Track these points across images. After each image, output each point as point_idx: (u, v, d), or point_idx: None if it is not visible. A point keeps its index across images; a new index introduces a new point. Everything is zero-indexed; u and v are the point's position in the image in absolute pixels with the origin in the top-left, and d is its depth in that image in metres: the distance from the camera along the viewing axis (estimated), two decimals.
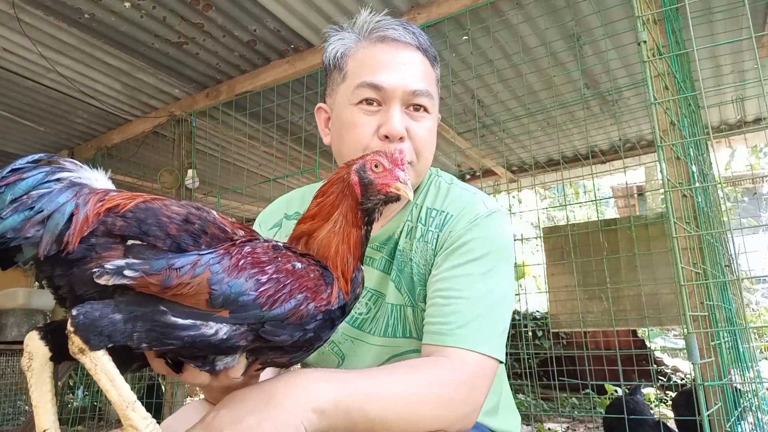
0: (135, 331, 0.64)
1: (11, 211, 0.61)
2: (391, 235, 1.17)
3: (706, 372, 1.93)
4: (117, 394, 0.65)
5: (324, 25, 3.30)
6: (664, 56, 2.12)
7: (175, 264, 0.66)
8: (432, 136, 1.17)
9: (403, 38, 1.13)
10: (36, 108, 4.17)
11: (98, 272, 0.63)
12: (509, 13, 3.23)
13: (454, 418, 0.91)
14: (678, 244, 1.82)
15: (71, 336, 0.63)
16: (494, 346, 0.99)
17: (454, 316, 1.00)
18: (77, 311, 0.63)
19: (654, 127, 1.92)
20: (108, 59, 3.57)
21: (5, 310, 4.32)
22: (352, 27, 1.19)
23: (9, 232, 0.60)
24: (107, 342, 0.64)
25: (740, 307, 3.27)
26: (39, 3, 3.02)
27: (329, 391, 0.79)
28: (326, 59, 1.21)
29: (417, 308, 1.13)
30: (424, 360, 0.97)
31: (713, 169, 2.97)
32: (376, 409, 0.83)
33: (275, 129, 4.26)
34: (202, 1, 3.06)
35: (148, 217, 0.69)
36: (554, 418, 5.05)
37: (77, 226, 0.65)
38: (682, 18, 2.61)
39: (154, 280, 0.64)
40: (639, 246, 3.72)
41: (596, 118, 4.63)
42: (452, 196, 1.17)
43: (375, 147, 1.08)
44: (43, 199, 0.63)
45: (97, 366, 0.64)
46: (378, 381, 0.88)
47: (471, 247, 1.07)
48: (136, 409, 0.65)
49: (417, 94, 1.11)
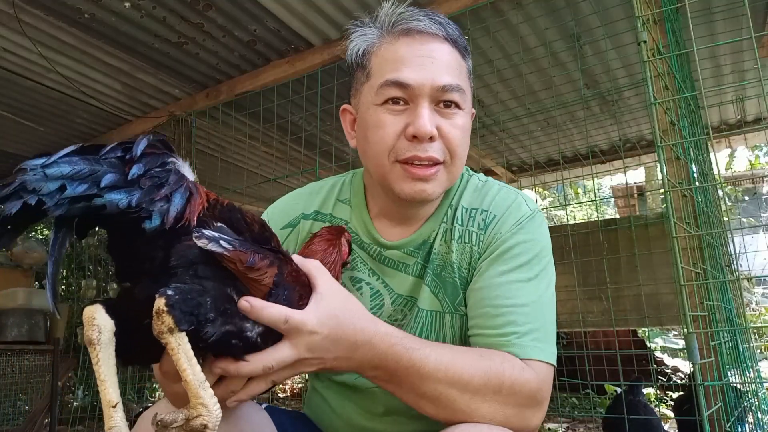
0: (210, 312, 0.68)
1: (149, 183, 0.66)
2: (426, 240, 1.11)
3: (706, 372, 1.93)
4: (192, 374, 0.66)
5: (324, 25, 3.30)
6: (664, 56, 2.12)
7: (257, 251, 0.73)
8: (465, 134, 1.07)
9: (429, 29, 1.03)
10: (36, 108, 4.17)
11: (198, 234, 0.68)
12: (509, 13, 3.23)
13: (517, 422, 0.89)
14: (678, 244, 1.82)
15: (162, 315, 0.64)
16: (550, 353, 0.97)
17: (509, 327, 0.96)
18: (172, 291, 0.65)
19: (654, 127, 1.92)
20: (108, 59, 3.57)
21: (5, 310, 4.32)
22: (374, 21, 1.09)
23: (145, 203, 0.64)
24: (194, 323, 0.66)
25: (740, 307, 3.27)
26: (39, 3, 3.01)
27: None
28: (348, 57, 1.13)
29: (456, 314, 1.08)
30: (497, 351, 0.95)
31: (713, 169, 2.97)
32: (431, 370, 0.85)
33: (275, 129, 4.26)
34: (202, 1, 3.06)
35: (238, 214, 0.78)
36: (554, 418, 5.05)
37: (195, 205, 0.71)
38: (682, 18, 2.61)
39: (242, 257, 0.70)
40: (639, 246, 3.72)
41: (596, 118, 4.63)
42: (492, 194, 1.11)
43: (403, 148, 1.02)
44: (169, 176, 0.68)
45: (180, 346, 0.65)
46: (444, 347, 0.90)
47: (517, 251, 1.03)
48: (206, 388, 0.67)
49: (446, 90, 1.02)
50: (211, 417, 0.66)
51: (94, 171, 0.63)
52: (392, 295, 1.13)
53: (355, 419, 1.13)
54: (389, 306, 1.12)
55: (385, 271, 1.14)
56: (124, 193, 0.63)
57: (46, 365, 4.35)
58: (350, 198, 1.21)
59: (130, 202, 0.63)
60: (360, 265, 1.15)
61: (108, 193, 0.62)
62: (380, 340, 0.84)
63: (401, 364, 0.84)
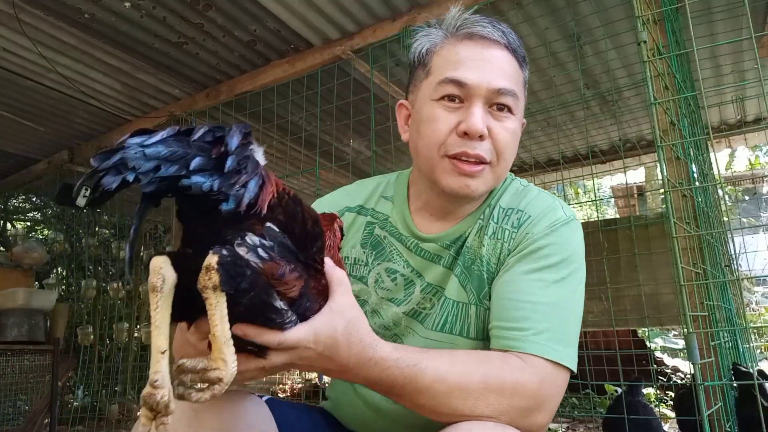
0: (247, 284, 0.73)
1: (233, 171, 0.70)
2: (461, 234, 1.15)
3: (706, 372, 1.94)
4: (221, 330, 0.71)
5: (324, 25, 3.30)
6: (664, 56, 2.12)
7: (290, 262, 0.77)
8: (515, 139, 1.12)
9: (491, 35, 1.09)
10: (36, 108, 4.17)
11: (240, 242, 0.73)
12: (509, 13, 3.23)
13: (517, 419, 0.89)
14: (678, 244, 1.83)
15: (211, 272, 0.69)
16: (567, 356, 0.97)
17: (526, 322, 0.97)
18: (227, 252, 0.71)
19: (654, 127, 1.92)
20: (108, 59, 3.57)
21: (5, 310, 4.32)
22: (440, 24, 1.15)
23: (224, 187, 0.69)
24: (236, 285, 0.71)
25: (740, 307, 3.27)
26: (39, 3, 3.01)
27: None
28: (411, 56, 1.18)
29: (481, 307, 1.11)
30: (498, 354, 0.96)
31: (713, 169, 2.97)
32: (431, 378, 0.86)
33: (275, 129, 4.26)
34: (202, 1, 3.06)
35: (298, 207, 0.81)
36: (554, 417, 5.04)
37: (266, 194, 0.75)
38: (682, 18, 2.61)
39: (274, 270, 0.74)
40: (639, 246, 3.72)
41: (596, 118, 4.63)
42: (530, 197, 1.14)
43: (453, 143, 1.06)
44: (248, 164, 0.72)
45: (218, 303, 0.70)
46: (442, 354, 0.90)
47: (547, 252, 1.04)
48: (229, 346, 0.72)
49: (501, 93, 1.07)
50: (227, 373, 0.71)
51: (186, 154, 0.68)
52: (423, 284, 1.17)
53: (377, 401, 1.14)
54: (418, 294, 1.16)
55: (419, 263, 1.18)
56: (209, 177, 0.68)
57: (46, 365, 4.35)
58: (393, 195, 1.26)
59: (212, 187, 0.68)
60: (396, 257, 1.20)
61: (194, 175, 0.67)
62: (374, 365, 0.85)
63: (397, 383, 0.86)
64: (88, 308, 5.61)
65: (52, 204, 6.30)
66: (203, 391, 0.72)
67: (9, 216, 6.91)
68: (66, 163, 4.87)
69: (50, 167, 5.03)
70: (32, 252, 4.80)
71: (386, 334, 1.19)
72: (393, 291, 1.19)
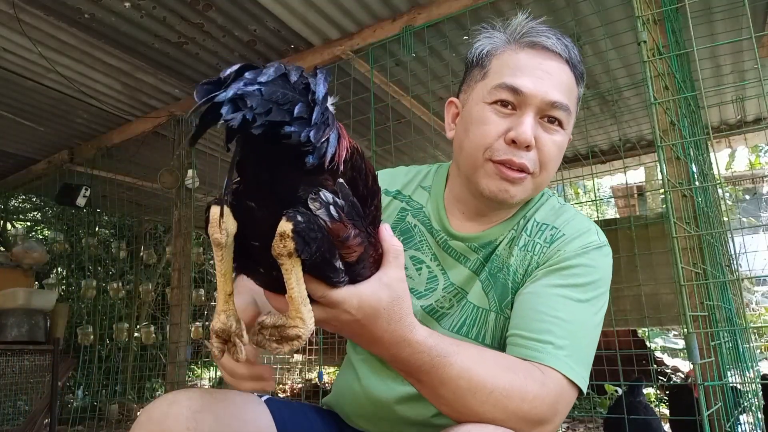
0: (321, 248, 0.71)
1: (323, 121, 0.67)
2: (492, 240, 1.15)
3: (706, 372, 1.94)
4: (298, 292, 0.71)
5: (324, 25, 3.31)
6: (664, 56, 2.12)
7: (357, 226, 0.75)
8: (560, 152, 1.12)
9: (554, 47, 1.10)
10: (36, 108, 4.18)
11: (314, 197, 0.70)
12: (509, 13, 3.22)
13: (525, 428, 0.89)
14: (678, 244, 1.82)
15: (286, 240, 0.67)
16: (581, 377, 0.96)
17: (548, 335, 0.97)
18: (302, 218, 0.68)
19: (654, 127, 1.92)
20: (108, 59, 3.58)
21: (5, 310, 4.32)
22: (505, 29, 1.15)
23: (316, 140, 0.66)
24: (312, 253, 0.69)
25: (740, 307, 3.27)
26: (39, 3, 3.02)
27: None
28: (470, 55, 1.18)
29: (501, 315, 1.10)
30: (523, 363, 0.95)
31: (713, 169, 2.97)
32: (454, 374, 0.85)
33: None
34: (202, 1, 3.06)
35: (363, 164, 0.79)
36: None
37: (342, 149, 0.73)
38: (682, 18, 2.61)
39: (341, 232, 0.72)
40: (639, 246, 3.71)
41: (596, 118, 4.63)
42: (566, 217, 1.14)
43: (499, 149, 1.06)
44: (329, 117, 0.70)
45: (294, 268, 0.70)
46: (474, 352, 0.89)
47: (576, 272, 1.04)
48: (306, 304, 0.72)
49: (555, 106, 1.07)
50: (306, 330, 0.72)
51: (292, 99, 0.64)
52: (446, 283, 1.17)
53: (380, 395, 1.15)
54: (440, 291, 1.16)
55: (445, 259, 1.18)
56: (305, 127, 0.65)
57: (46, 365, 4.35)
58: (431, 186, 1.26)
59: (309, 137, 0.65)
60: (425, 248, 1.20)
61: (295, 123, 0.64)
62: (407, 345, 0.84)
63: (424, 368, 0.85)
64: (88, 308, 5.61)
65: (52, 204, 6.30)
66: (282, 344, 0.74)
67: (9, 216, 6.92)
68: (66, 163, 4.87)
69: (50, 167, 5.03)
70: (32, 252, 4.80)
71: None
72: (416, 281, 1.19)
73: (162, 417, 0.93)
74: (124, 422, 5.07)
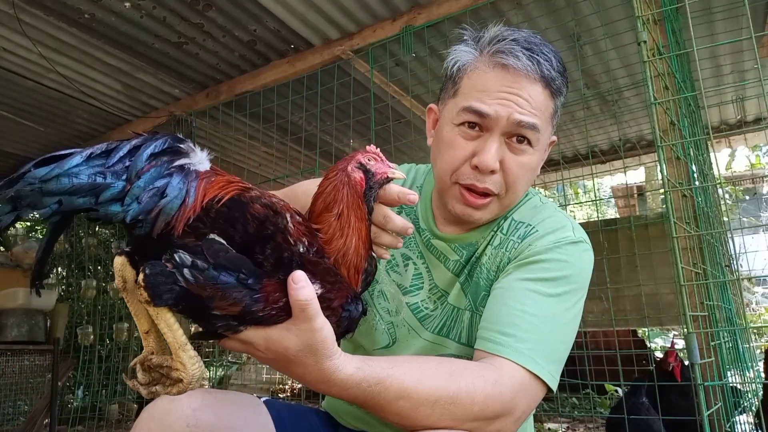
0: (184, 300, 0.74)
1: (147, 197, 0.72)
2: (473, 242, 1.16)
3: (706, 372, 1.94)
4: (172, 337, 0.75)
5: (324, 25, 3.31)
6: (664, 56, 2.12)
7: (225, 290, 0.74)
8: (527, 171, 1.11)
9: (524, 69, 1.06)
10: (36, 108, 4.17)
11: (168, 257, 0.73)
12: (509, 13, 3.23)
13: (481, 427, 0.88)
14: (678, 244, 1.82)
15: (141, 289, 0.72)
16: (546, 371, 0.96)
17: (512, 328, 0.97)
18: (149, 270, 0.72)
19: (654, 127, 1.92)
20: (108, 59, 3.57)
21: (5, 310, 4.32)
22: (477, 42, 1.12)
23: (141, 215, 0.70)
24: (168, 300, 0.73)
25: (740, 307, 3.27)
26: (39, 3, 3.02)
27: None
28: (445, 66, 1.18)
29: (476, 314, 1.11)
30: (471, 364, 0.95)
31: (713, 169, 2.97)
32: (396, 391, 0.84)
33: (275, 129, 4.26)
34: (202, 1, 3.06)
35: (236, 212, 0.78)
36: (554, 418, 5.05)
37: (185, 214, 0.75)
38: (682, 18, 2.61)
39: (200, 292, 0.73)
40: (639, 246, 3.72)
41: (596, 118, 4.63)
42: (544, 215, 1.14)
43: (465, 173, 1.08)
44: (167, 186, 0.73)
45: (158, 315, 0.74)
46: (411, 368, 0.88)
47: (547, 266, 1.04)
48: (186, 350, 0.76)
49: (521, 126, 1.05)
50: (187, 374, 0.76)
51: (96, 186, 0.67)
52: (431, 283, 1.19)
53: None
54: (426, 291, 1.19)
55: (430, 259, 1.20)
56: (120, 206, 0.69)
57: (46, 365, 4.35)
58: (423, 185, 1.29)
59: (125, 218, 0.69)
60: (413, 246, 1.23)
61: (105, 206, 0.68)
62: (333, 385, 0.83)
63: (358, 401, 0.85)
64: (88, 308, 5.60)
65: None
66: (171, 386, 0.78)
67: None
68: None
69: None
70: (32, 252, 4.79)
71: (385, 318, 1.21)
72: (402, 277, 1.21)
73: (163, 415, 0.95)
74: (124, 422, 5.07)
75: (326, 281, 0.82)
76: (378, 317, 1.22)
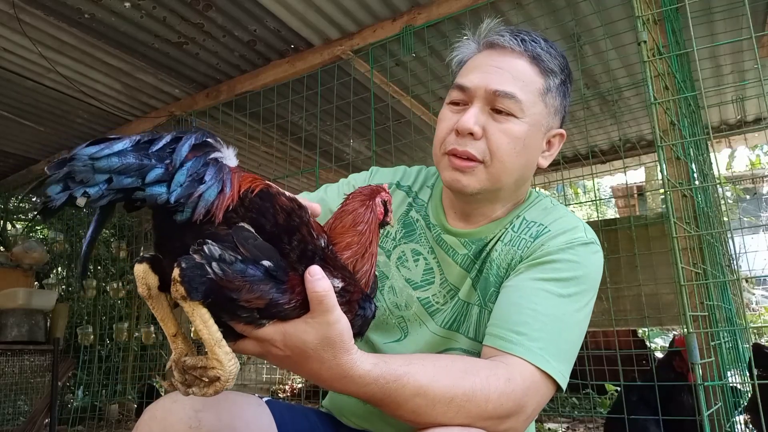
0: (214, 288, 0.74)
1: (189, 181, 0.73)
2: (482, 237, 1.18)
3: (706, 372, 1.94)
4: (208, 333, 0.75)
5: (324, 25, 3.30)
6: (664, 56, 2.12)
7: (252, 282, 0.75)
8: (512, 139, 1.09)
9: (508, 44, 1.12)
10: (36, 108, 4.17)
11: (197, 248, 0.73)
12: (509, 13, 3.23)
13: (494, 425, 0.89)
14: (678, 244, 1.82)
15: (177, 285, 0.72)
16: (557, 370, 0.96)
17: (524, 327, 0.97)
18: (185, 264, 0.72)
19: (654, 127, 1.92)
20: (108, 59, 3.57)
21: (5, 310, 4.32)
22: (476, 36, 1.21)
23: (183, 198, 0.71)
24: (203, 293, 0.72)
25: (740, 307, 3.27)
26: (39, 3, 3.02)
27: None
28: (449, 66, 1.27)
29: (485, 309, 1.12)
30: (483, 362, 0.95)
31: (713, 169, 2.97)
32: (412, 389, 0.84)
33: (275, 129, 4.26)
34: (202, 1, 3.06)
35: (267, 202, 0.82)
36: (554, 417, 5.05)
37: (224, 202, 0.76)
38: (682, 18, 2.61)
39: (229, 286, 0.74)
40: (639, 246, 3.72)
41: (596, 118, 4.63)
42: (556, 215, 1.15)
43: (449, 141, 1.12)
44: (207, 174, 0.75)
45: (194, 310, 0.74)
46: (425, 365, 0.88)
47: (559, 266, 1.05)
48: (221, 346, 0.75)
49: (498, 95, 1.08)
50: (224, 371, 0.75)
51: (143, 165, 0.69)
52: (442, 278, 1.20)
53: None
54: (437, 286, 1.20)
55: (440, 254, 1.22)
56: (166, 188, 0.70)
57: (46, 365, 4.35)
58: (434, 184, 1.32)
59: (169, 199, 0.70)
60: (423, 242, 1.25)
61: (151, 187, 0.69)
62: (350, 381, 0.83)
63: (375, 398, 0.85)
64: (88, 308, 5.60)
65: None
66: (207, 386, 0.76)
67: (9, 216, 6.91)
68: None
69: None
70: (32, 252, 4.80)
71: (395, 313, 1.22)
72: (412, 272, 1.22)
73: (165, 415, 0.95)
74: (124, 422, 5.07)
75: (345, 276, 0.85)
76: (388, 312, 1.22)
